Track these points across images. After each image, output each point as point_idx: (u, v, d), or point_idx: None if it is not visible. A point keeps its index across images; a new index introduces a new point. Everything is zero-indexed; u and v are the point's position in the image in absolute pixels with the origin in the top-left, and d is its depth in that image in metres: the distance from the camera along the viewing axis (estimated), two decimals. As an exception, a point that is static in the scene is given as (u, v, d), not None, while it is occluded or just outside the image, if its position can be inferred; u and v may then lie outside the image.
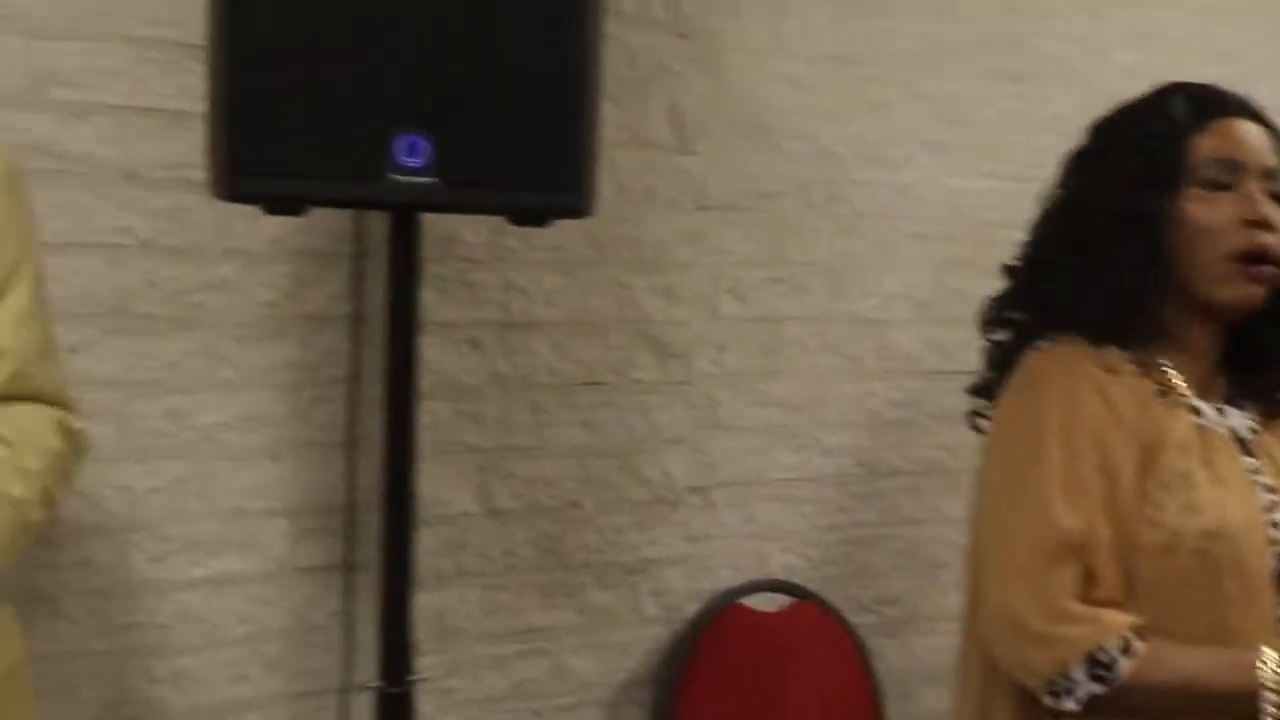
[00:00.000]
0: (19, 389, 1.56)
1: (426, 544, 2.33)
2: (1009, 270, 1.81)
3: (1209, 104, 1.72)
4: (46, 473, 1.55)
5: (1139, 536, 1.59)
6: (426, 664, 2.22)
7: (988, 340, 1.81)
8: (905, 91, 2.87)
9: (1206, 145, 1.68)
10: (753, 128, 2.69)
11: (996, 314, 1.80)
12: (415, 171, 1.74)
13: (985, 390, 1.80)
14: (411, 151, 1.74)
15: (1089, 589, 1.56)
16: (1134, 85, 1.81)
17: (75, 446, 1.64)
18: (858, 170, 2.82)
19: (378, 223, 2.26)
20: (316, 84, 1.72)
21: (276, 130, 1.71)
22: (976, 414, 1.81)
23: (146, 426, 2.21)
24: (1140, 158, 1.69)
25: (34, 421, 1.56)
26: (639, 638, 2.63)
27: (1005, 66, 2.98)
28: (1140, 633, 1.54)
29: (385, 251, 2.19)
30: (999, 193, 2.86)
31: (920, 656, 2.92)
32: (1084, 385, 1.63)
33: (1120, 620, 1.55)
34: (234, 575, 2.30)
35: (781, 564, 2.81)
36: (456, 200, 1.80)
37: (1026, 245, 1.79)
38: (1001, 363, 1.77)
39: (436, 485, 2.37)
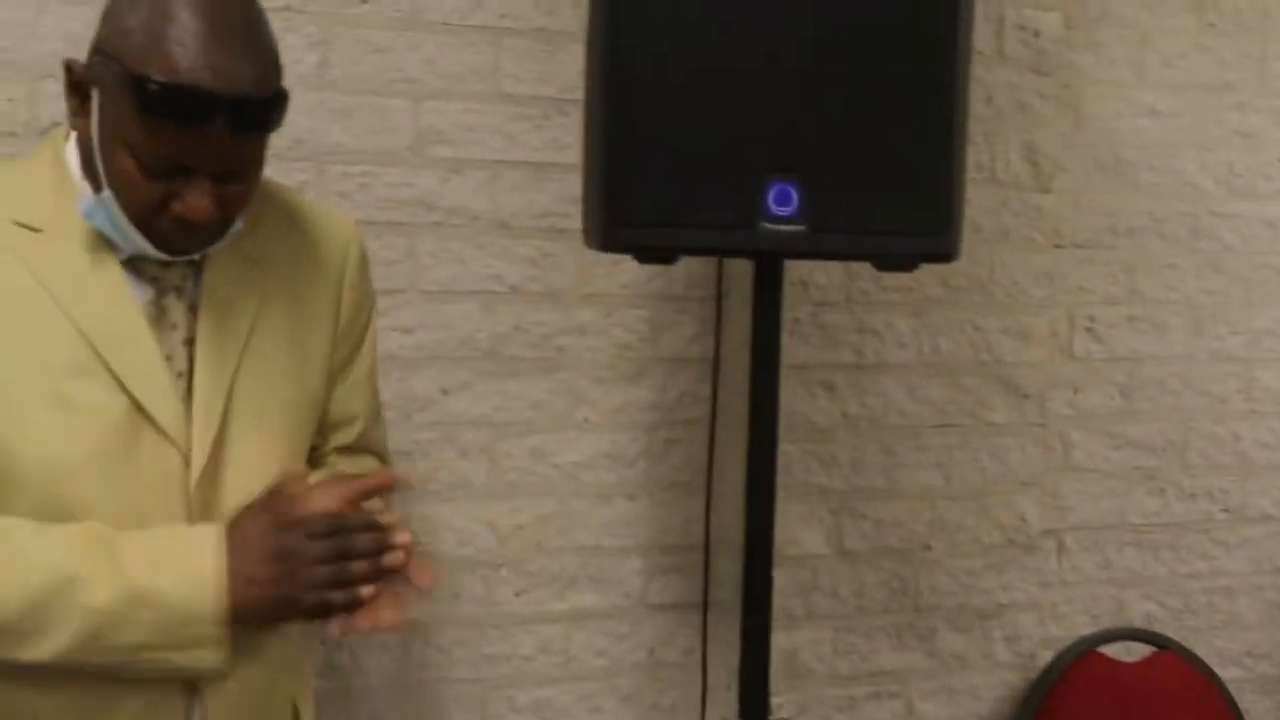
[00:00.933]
0: (362, 445, 1.70)
1: (779, 584, 2.35)
2: None
3: None
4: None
5: None
6: (778, 703, 2.24)
7: None
8: (1275, 119, 2.72)
9: None
10: (1111, 162, 2.60)
11: None
12: (785, 220, 1.76)
13: None
14: (781, 200, 1.75)
15: None
16: None
17: (390, 501, 1.74)
18: (1223, 203, 2.69)
19: (736, 267, 2.29)
20: (688, 134, 1.75)
21: (650, 181, 1.75)
22: None
23: (512, 465, 2.31)
24: None
25: (371, 470, 1.68)
26: (991, 683, 2.57)
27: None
28: None
29: (741, 295, 2.23)
30: (1382, 223, 2.69)
31: (1292, 716, 2.75)
32: None
33: None
34: (591, 610, 2.37)
35: (1141, 612, 2.70)
36: (826, 247, 1.79)
37: None
38: None
39: (789, 526, 2.39)
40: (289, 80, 2.13)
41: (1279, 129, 2.71)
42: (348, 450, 1.67)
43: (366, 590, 1.40)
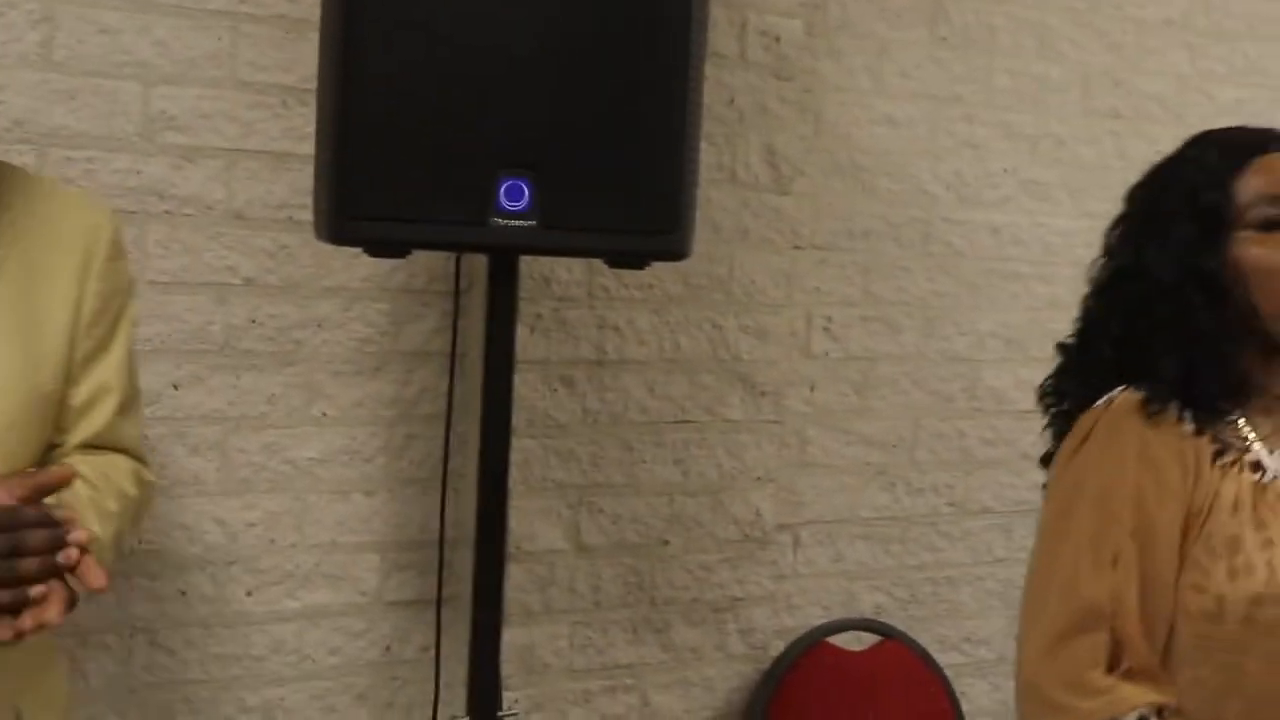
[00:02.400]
0: (108, 441, 1.61)
1: (516, 579, 2.35)
2: (1063, 348, 1.76)
3: (1243, 145, 1.67)
4: (122, 515, 1.59)
5: (1186, 604, 1.55)
6: (512, 698, 2.24)
7: (1048, 414, 1.78)
8: (1001, 131, 2.85)
9: (1250, 185, 1.63)
10: (849, 167, 2.69)
11: (1055, 388, 1.77)
12: (517, 215, 1.76)
13: (1050, 460, 1.77)
14: (513, 195, 1.76)
15: (1117, 658, 1.53)
16: (1235, 121, 1.78)
17: (146, 496, 1.68)
18: (952, 210, 2.81)
19: (475, 262, 2.29)
20: (421, 129, 1.74)
21: (381, 174, 1.74)
22: (1046, 486, 1.77)
23: (245, 461, 2.26)
24: (1188, 212, 1.64)
25: (116, 469, 1.61)
26: (724, 674, 2.62)
27: (1105, 105, 2.96)
28: (1160, 711, 1.51)
29: (482, 289, 2.23)
30: (1097, 232, 2.83)
31: (1010, 699, 2.88)
32: (1127, 446, 1.59)
33: (1138, 697, 1.51)
34: (326, 608, 2.33)
35: (871, 603, 2.80)
36: (557, 243, 1.81)
37: (1082, 320, 1.74)
38: (1062, 431, 1.73)
39: (527, 521, 2.39)
40: (8, 58, 2.03)
41: (1004, 141, 2.85)
42: (93, 448, 1.59)
43: (37, 589, 1.33)
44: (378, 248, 1.81)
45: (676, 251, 1.88)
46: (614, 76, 1.81)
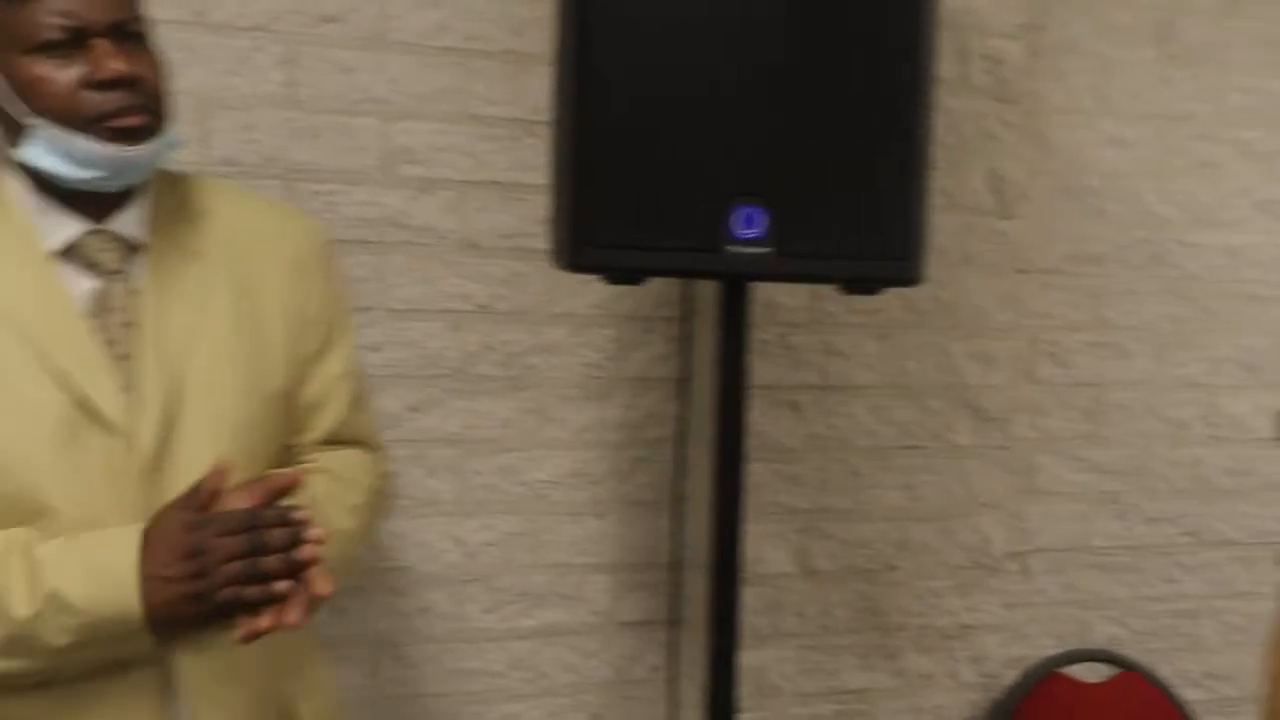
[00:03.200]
0: (344, 435, 1.68)
1: (745, 602, 2.37)
2: None
3: None
4: (366, 509, 1.66)
5: None
6: (744, 720, 2.26)
7: None
8: (1235, 150, 2.76)
9: None
10: (1075, 190, 2.64)
11: None
12: (751, 242, 1.78)
13: None
14: (749, 223, 1.78)
15: None
16: None
17: (387, 486, 1.74)
18: (1185, 232, 2.73)
19: (704, 288, 2.32)
20: (656, 158, 1.77)
21: (617, 203, 1.78)
22: None
23: (481, 482, 2.32)
24: None
25: (355, 463, 1.68)
26: (956, 703, 2.59)
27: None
28: None
29: (709, 315, 2.26)
30: (1340, 252, 2.73)
31: (1253, 738, 2.78)
32: None
33: None
34: (560, 626, 2.38)
35: (1104, 634, 2.72)
36: (793, 269, 1.82)
37: None
38: None
39: (755, 545, 2.41)
40: (257, 98, 2.15)
41: (1239, 160, 2.75)
42: (330, 443, 1.66)
43: (281, 585, 1.40)
44: (615, 275, 1.84)
45: (911, 277, 1.87)
46: (846, 103, 1.82)
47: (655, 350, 2.40)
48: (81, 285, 1.49)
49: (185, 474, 1.46)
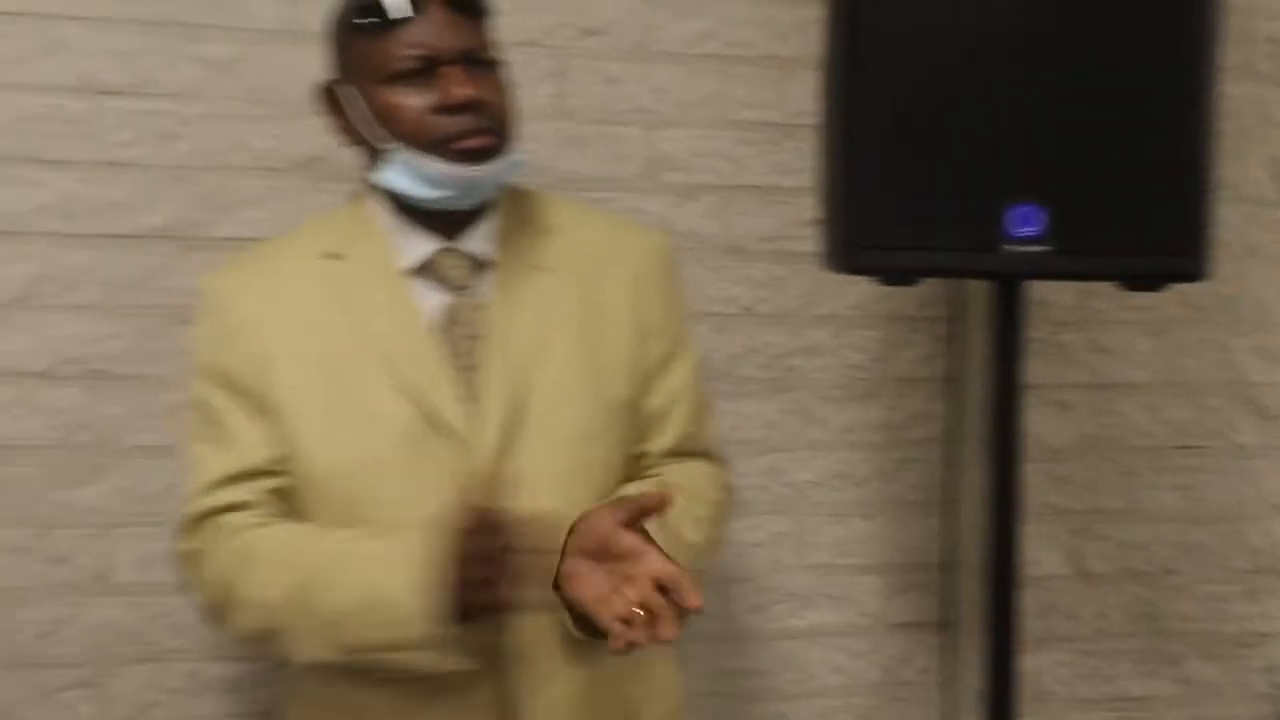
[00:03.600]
0: (688, 447, 1.71)
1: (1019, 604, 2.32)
2: None
3: None
4: (711, 522, 1.67)
5: None
6: (1020, 726, 2.21)
7: None
8: None
9: None
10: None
11: None
12: (1029, 240, 1.75)
13: None
14: (1026, 221, 1.75)
15: None
16: None
17: (730, 498, 1.76)
18: None
19: (971, 287, 2.29)
20: (927, 158, 1.75)
21: (890, 205, 1.76)
22: None
23: (749, 483, 2.33)
24: None
25: (700, 475, 1.70)
26: (1247, 715, 2.49)
27: None
28: None
29: (974, 315, 2.22)
30: None
31: None
32: None
33: None
34: (828, 628, 2.38)
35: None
36: (1072, 268, 1.78)
37: None
38: None
39: (1027, 546, 2.36)
40: (530, 111, 2.20)
41: None
42: (674, 454, 1.69)
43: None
44: (890, 276, 1.83)
45: (1196, 273, 1.81)
46: (1125, 95, 1.76)
47: (921, 350, 2.38)
48: (432, 300, 1.58)
49: (527, 483, 1.47)
